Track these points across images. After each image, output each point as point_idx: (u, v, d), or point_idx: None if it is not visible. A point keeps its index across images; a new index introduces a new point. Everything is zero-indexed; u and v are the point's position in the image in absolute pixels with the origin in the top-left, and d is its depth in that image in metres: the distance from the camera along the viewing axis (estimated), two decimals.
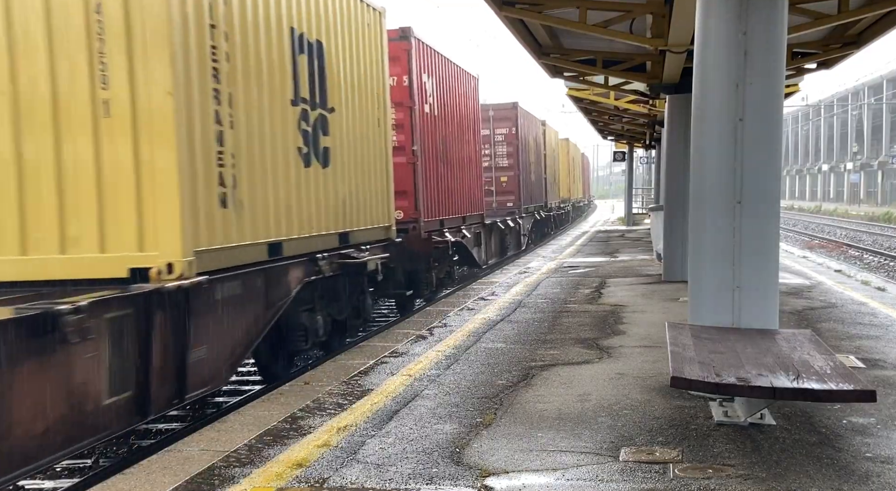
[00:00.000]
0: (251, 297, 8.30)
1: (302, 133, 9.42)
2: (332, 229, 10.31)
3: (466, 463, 5.06)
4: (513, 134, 26.75)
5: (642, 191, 48.51)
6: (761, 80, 6.39)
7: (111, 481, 5.16)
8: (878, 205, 66.32)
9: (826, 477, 4.67)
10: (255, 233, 8.27)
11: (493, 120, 26.29)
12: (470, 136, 19.79)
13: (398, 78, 14.49)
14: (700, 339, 6.03)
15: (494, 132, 26.33)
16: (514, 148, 26.75)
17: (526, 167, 28.49)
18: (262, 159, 8.51)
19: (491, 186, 25.85)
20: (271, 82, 8.69)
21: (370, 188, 11.84)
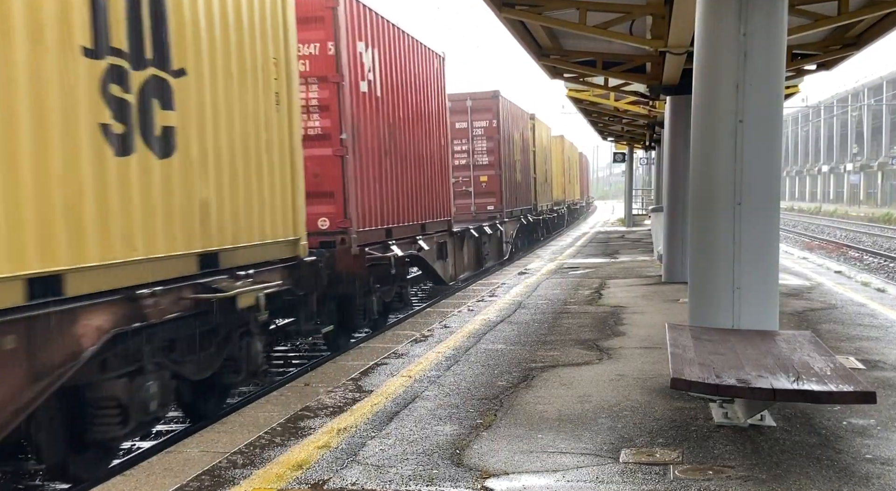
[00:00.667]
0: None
1: (111, 103, 6.31)
2: (180, 250, 7.15)
3: (466, 464, 5.06)
4: (494, 128, 23.48)
5: (642, 192, 48.51)
6: (761, 82, 6.40)
7: (112, 483, 5.17)
8: (878, 206, 66.31)
9: (826, 478, 4.67)
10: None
11: (472, 112, 23.20)
12: (433, 126, 16.37)
13: (321, 45, 11.25)
14: (700, 340, 6.04)
15: (473, 125, 23.14)
16: (495, 143, 23.52)
17: (510, 166, 25.42)
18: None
19: (469, 187, 23.27)
20: (34, 17, 5.61)
21: (260, 189, 8.65)
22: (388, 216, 13.23)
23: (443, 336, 9.63)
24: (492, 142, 23.46)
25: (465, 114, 23.20)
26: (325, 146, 11.25)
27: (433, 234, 16.10)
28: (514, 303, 12.27)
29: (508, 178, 24.86)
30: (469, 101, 23.19)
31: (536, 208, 31.71)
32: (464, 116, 23.10)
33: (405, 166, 14.32)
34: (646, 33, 11.89)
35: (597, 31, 11.18)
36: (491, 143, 23.45)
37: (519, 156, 27.16)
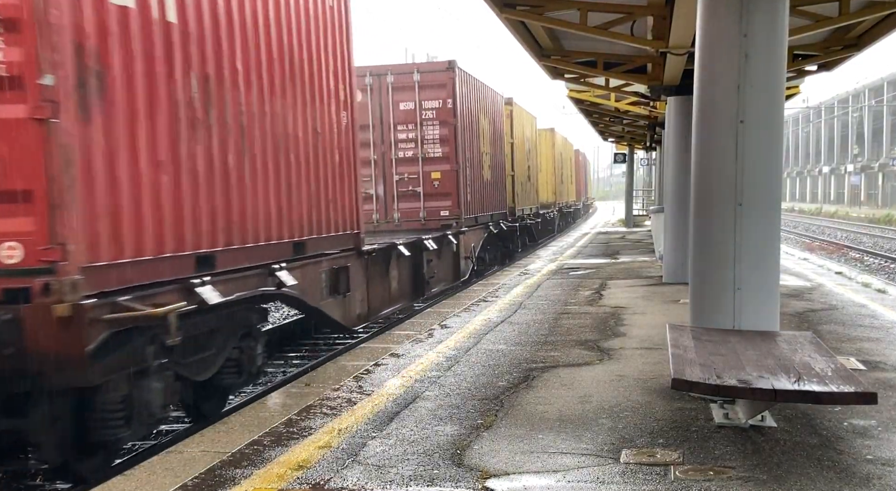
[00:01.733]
0: None
1: None
2: None
3: (467, 464, 5.06)
4: (448, 110, 18.00)
5: (643, 192, 48.49)
6: (762, 82, 6.40)
7: (113, 482, 5.17)
8: (879, 207, 66.30)
9: (827, 479, 4.67)
10: None
11: (420, 88, 18.02)
12: (321, 92, 10.73)
13: None
14: (701, 341, 6.04)
15: (421, 106, 18.03)
16: (449, 130, 17.98)
17: (474, 160, 20.25)
18: None
19: (416, 187, 17.98)
20: None
21: None
22: (199, 233, 7.74)
23: (443, 336, 9.64)
24: (446, 128, 18.00)
25: (412, 91, 17.94)
26: (16, 100, 5.99)
27: (319, 259, 10.62)
28: (514, 303, 12.27)
29: (471, 176, 19.75)
30: (416, 73, 18.09)
31: (514, 213, 26.15)
32: (410, 94, 17.91)
33: (249, 149, 8.66)
34: (647, 34, 11.90)
35: (598, 31, 11.19)
36: (445, 129, 17.99)
37: (487, 148, 22.02)
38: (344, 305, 11.69)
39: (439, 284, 17.63)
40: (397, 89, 17.96)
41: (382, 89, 17.87)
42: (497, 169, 23.47)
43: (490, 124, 22.50)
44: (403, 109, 18.05)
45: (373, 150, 17.73)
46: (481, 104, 21.34)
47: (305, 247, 10.14)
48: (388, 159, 17.91)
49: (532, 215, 30.90)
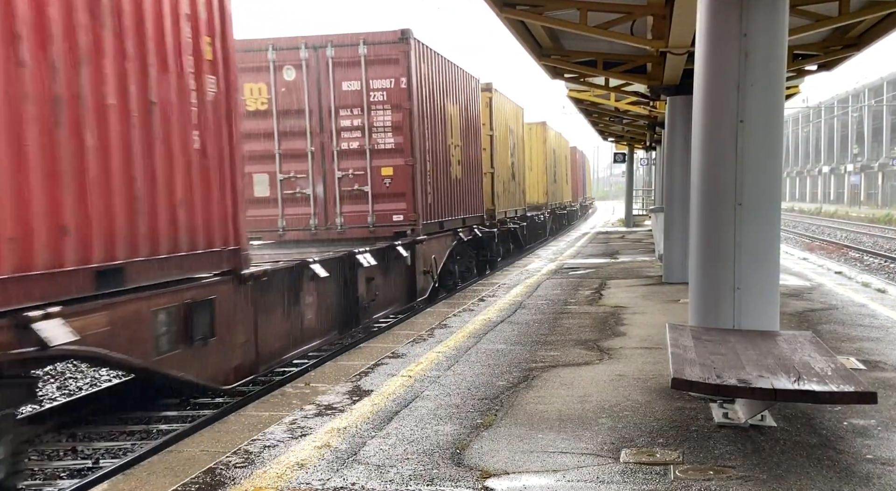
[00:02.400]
0: None
1: None
2: None
3: (467, 464, 5.06)
4: (402, 91, 14.69)
5: (643, 192, 48.47)
6: (762, 82, 6.40)
7: (113, 482, 5.17)
8: (879, 207, 66.31)
9: (827, 479, 4.67)
10: None
11: (368, 65, 14.67)
12: (150, 37, 7.44)
13: None
14: (701, 340, 6.04)
15: (369, 86, 14.71)
16: (404, 116, 14.76)
17: (438, 153, 16.75)
18: None
19: (364, 186, 14.78)
20: None
21: None
22: None
23: (443, 336, 9.64)
24: (399, 113, 14.73)
25: (358, 68, 14.63)
26: None
27: (154, 293, 7.45)
28: (514, 303, 12.27)
29: (434, 173, 16.30)
30: (363, 46, 14.58)
31: (494, 216, 22.73)
32: (355, 72, 14.61)
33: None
34: (646, 34, 11.90)
35: (597, 31, 11.19)
36: (398, 115, 14.73)
37: (457, 140, 18.44)
38: (205, 357, 8.08)
39: (387, 308, 14.13)
40: (339, 65, 14.61)
41: (321, 65, 14.61)
42: (471, 165, 19.96)
43: (461, 112, 18.88)
44: (347, 90, 14.66)
45: (309, 140, 14.72)
46: (448, 87, 17.71)
47: (124, 275, 6.86)
48: (329, 152, 14.70)
49: (517, 218, 27.28)
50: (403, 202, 14.82)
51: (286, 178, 14.79)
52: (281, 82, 14.70)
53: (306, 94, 14.68)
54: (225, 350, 8.45)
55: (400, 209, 14.83)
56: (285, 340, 10.12)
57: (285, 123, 14.73)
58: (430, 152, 15.98)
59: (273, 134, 14.66)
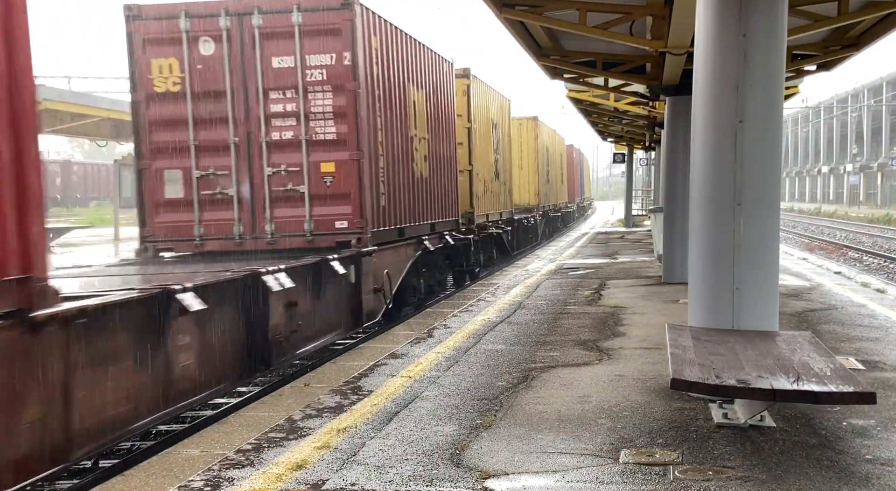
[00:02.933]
0: None
1: None
2: None
3: (466, 465, 5.06)
4: (346, 69, 11.93)
5: (642, 192, 48.45)
6: (761, 82, 6.40)
7: (112, 483, 5.17)
8: (878, 207, 66.32)
9: (826, 479, 4.67)
10: None
11: (304, 36, 12.01)
12: None
13: None
14: (700, 340, 6.04)
15: (305, 63, 12.01)
16: (349, 100, 12.00)
17: (396, 146, 13.86)
18: None
19: (299, 185, 12.06)
20: None
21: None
22: None
23: (442, 336, 9.63)
24: (343, 97, 11.97)
25: (291, 41, 11.98)
26: None
27: None
28: (513, 303, 12.27)
29: (390, 170, 13.45)
30: (297, 13, 11.92)
31: (473, 220, 19.93)
32: (288, 45, 11.93)
33: None
34: (646, 34, 11.90)
35: (597, 31, 11.19)
36: (341, 98, 11.98)
37: (423, 132, 15.54)
38: None
39: (318, 339, 10.84)
40: (269, 37, 11.97)
41: (246, 37, 11.93)
42: (441, 162, 16.85)
43: (428, 99, 15.89)
44: (279, 68, 11.96)
45: (232, 129, 12.01)
46: (410, 68, 14.81)
47: None
48: (257, 143, 12.04)
49: (502, 222, 24.24)
50: (348, 205, 11.99)
51: (204, 175, 12.06)
52: (197, 58, 11.99)
53: (228, 73, 11.98)
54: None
55: (344, 214, 12.02)
56: (134, 401, 7.08)
57: (202, 109, 12.03)
58: (384, 145, 13.02)
59: (187, 122, 12.00)
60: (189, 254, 12.06)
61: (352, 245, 11.91)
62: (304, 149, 12.00)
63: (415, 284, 15.38)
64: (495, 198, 23.15)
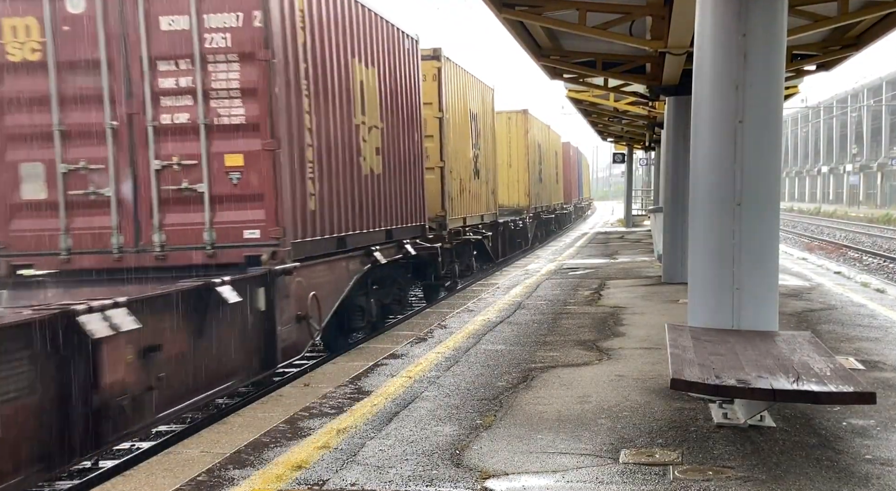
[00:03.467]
0: None
1: None
2: None
3: (466, 465, 5.06)
4: (257, 32, 9.18)
5: (642, 192, 48.44)
6: (761, 82, 6.40)
7: (112, 483, 5.17)
8: (878, 206, 66.33)
9: (826, 479, 4.67)
10: None
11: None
12: None
13: None
14: (700, 341, 6.04)
15: (203, 24, 9.27)
16: (260, 73, 9.20)
17: (334, 135, 11.02)
18: None
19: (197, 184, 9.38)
20: None
21: None
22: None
23: (442, 337, 9.64)
24: (253, 68, 9.32)
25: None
26: None
27: None
28: (513, 303, 12.27)
29: (323, 164, 10.62)
30: None
31: (445, 225, 17.11)
32: (180, 1, 9.31)
33: None
34: (645, 34, 11.90)
35: (596, 31, 11.19)
36: (251, 70, 9.33)
37: (374, 118, 12.63)
38: None
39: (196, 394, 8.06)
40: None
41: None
42: (401, 157, 14.04)
43: (382, 80, 13.04)
44: (169, 31, 9.26)
45: (109, 110, 9.33)
46: (356, 39, 11.92)
47: None
48: (141, 129, 9.35)
49: (483, 226, 21.52)
50: (260, 209, 9.26)
51: (72, 170, 9.35)
52: (62, 17, 9.25)
53: (103, 37, 9.24)
54: None
55: (255, 221, 9.27)
56: None
57: (70, 83, 9.31)
58: (315, 133, 10.23)
59: (50, 100, 9.28)
60: (52, 272, 9.44)
61: (262, 261, 9.18)
62: (202, 136, 9.25)
63: (361, 305, 12.36)
64: (475, 199, 20.44)
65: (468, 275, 20.28)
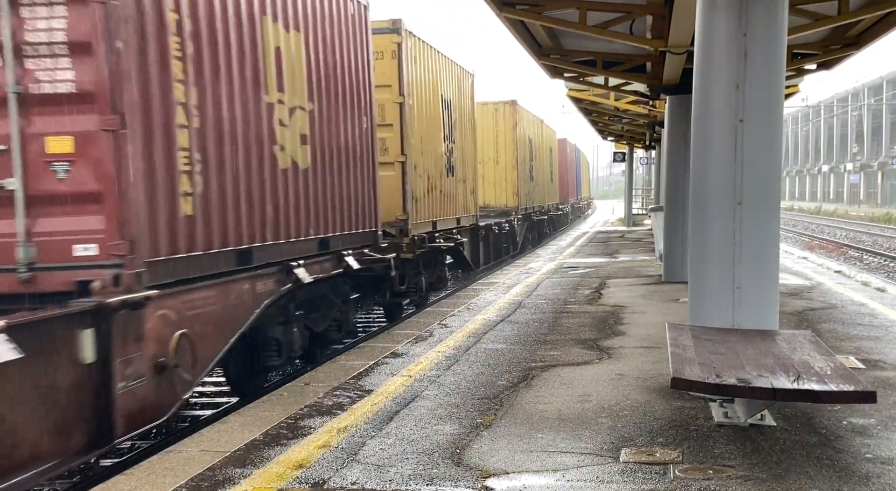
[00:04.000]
0: None
1: None
2: None
3: (467, 464, 5.06)
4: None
5: (642, 191, 48.44)
6: (761, 81, 6.40)
7: (112, 481, 5.17)
8: (878, 206, 66.33)
9: (826, 478, 4.67)
10: None
11: None
12: None
13: None
14: (700, 340, 6.04)
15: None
16: (94, 22, 6.36)
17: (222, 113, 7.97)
18: None
19: (6, 177, 6.49)
20: None
21: None
22: None
23: (443, 336, 9.64)
24: (84, 15, 6.43)
25: None
26: None
27: None
28: (514, 302, 12.27)
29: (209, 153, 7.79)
30: None
31: (407, 231, 14.36)
32: None
33: None
34: (646, 33, 11.90)
35: (597, 30, 11.20)
36: (82, 18, 6.43)
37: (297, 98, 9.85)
38: None
39: None
40: None
41: None
42: (340, 147, 11.17)
43: (312, 49, 10.34)
44: None
45: None
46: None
47: None
48: None
49: (459, 231, 18.48)
50: (99, 214, 6.59)
51: None
52: None
53: None
54: None
55: (90, 232, 6.60)
56: None
57: None
58: (194, 110, 7.57)
59: None
60: None
61: (93, 291, 6.38)
62: (12, 110, 6.52)
63: (280, 337, 9.41)
64: (448, 200, 17.46)
65: (441, 287, 17.56)
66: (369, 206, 12.31)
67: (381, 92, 13.42)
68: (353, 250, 11.42)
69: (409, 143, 14.46)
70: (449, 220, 17.59)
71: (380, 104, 13.37)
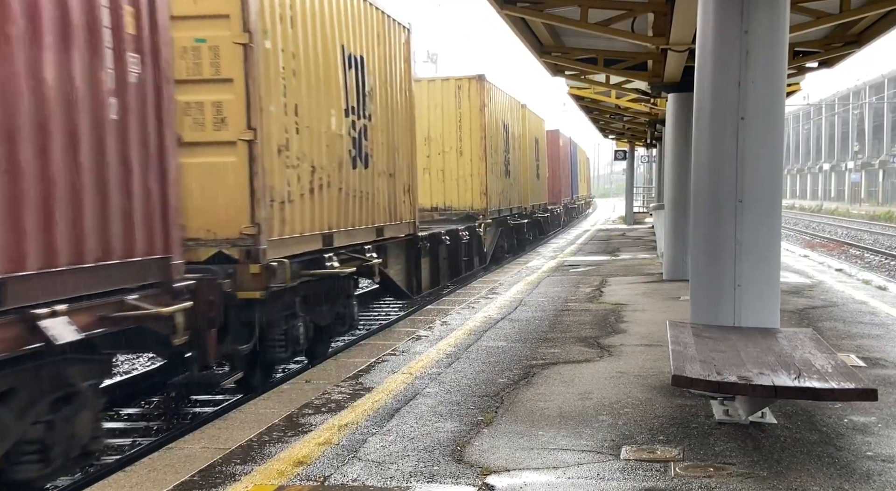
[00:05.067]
0: None
1: None
2: None
3: (467, 461, 5.06)
4: None
5: (643, 190, 48.39)
6: (763, 79, 6.40)
7: (113, 478, 5.17)
8: (879, 204, 66.28)
9: (827, 476, 4.67)
10: None
11: None
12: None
13: None
14: (701, 337, 6.04)
15: None
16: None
17: None
18: None
19: None
20: None
21: None
22: None
23: (443, 333, 9.64)
24: None
25: None
26: None
27: None
28: (514, 300, 12.27)
29: None
30: None
31: (256, 258, 8.43)
32: None
33: None
34: (647, 31, 11.89)
35: (598, 28, 11.19)
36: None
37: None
38: None
39: None
40: None
41: None
42: (41, 108, 5.31)
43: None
44: None
45: None
46: None
47: None
48: None
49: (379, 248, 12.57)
50: None
51: None
52: None
53: None
54: None
55: None
56: None
57: None
58: None
59: None
60: None
61: None
62: None
63: None
64: (357, 201, 11.61)
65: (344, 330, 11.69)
66: (147, 214, 6.55)
67: (205, 25, 8.54)
68: (75, 305, 5.62)
69: (266, 110, 8.86)
70: (358, 232, 11.70)
71: (210, 46, 8.54)
